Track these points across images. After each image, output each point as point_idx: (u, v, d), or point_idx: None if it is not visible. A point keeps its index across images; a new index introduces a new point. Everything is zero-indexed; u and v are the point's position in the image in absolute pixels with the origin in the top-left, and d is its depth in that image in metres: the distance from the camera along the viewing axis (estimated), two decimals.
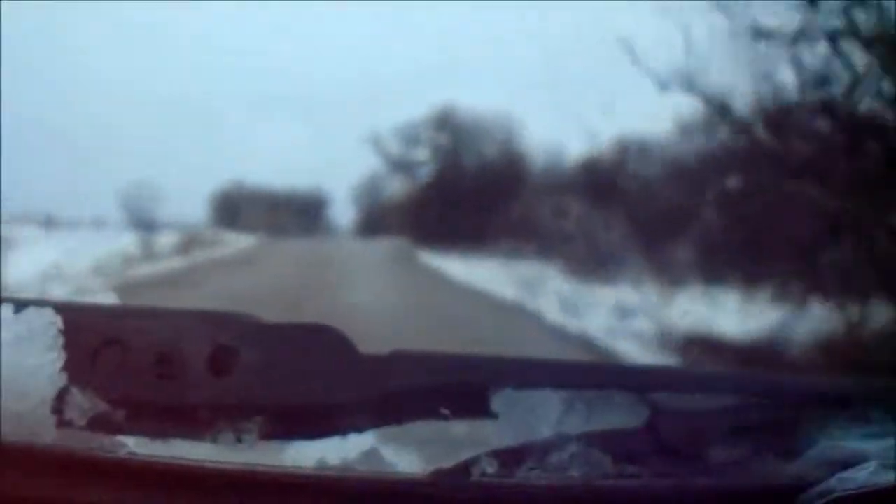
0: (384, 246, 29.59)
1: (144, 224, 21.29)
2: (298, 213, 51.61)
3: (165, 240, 20.56)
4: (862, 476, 0.55)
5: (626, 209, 15.18)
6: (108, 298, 0.70)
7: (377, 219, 49.25)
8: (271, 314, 0.65)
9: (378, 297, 11.12)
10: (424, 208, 28.87)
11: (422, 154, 31.90)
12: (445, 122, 30.93)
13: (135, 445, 0.61)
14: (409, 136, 31.96)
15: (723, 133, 9.42)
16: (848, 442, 0.63)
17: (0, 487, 0.55)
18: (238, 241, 30.68)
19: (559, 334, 8.98)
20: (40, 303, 0.62)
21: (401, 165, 32.79)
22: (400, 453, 0.66)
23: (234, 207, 49.73)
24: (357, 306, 9.13)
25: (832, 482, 0.56)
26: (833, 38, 6.35)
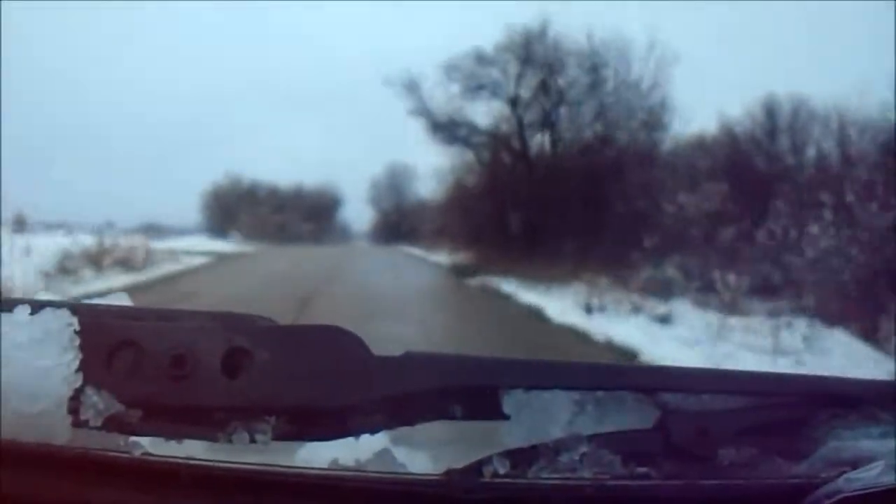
0: (428, 267, 19.80)
1: None
2: (307, 214, 46.93)
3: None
4: (870, 476, 0.56)
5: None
6: (123, 300, 0.70)
7: (403, 222, 43.44)
8: None
9: None
10: (498, 205, 15.99)
11: (492, 110, 16.88)
12: (533, 48, 15.99)
13: (150, 446, 0.62)
14: (467, 79, 16.72)
15: None
16: (856, 442, 0.64)
17: (16, 487, 0.56)
18: (190, 260, 18.37)
19: None
20: (56, 304, 0.62)
21: (451, 130, 17.62)
22: (412, 454, 0.66)
23: (228, 208, 45.48)
24: None
25: (840, 482, 0.56)
26: None
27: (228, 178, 47.80)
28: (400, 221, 45.18)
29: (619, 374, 0.70)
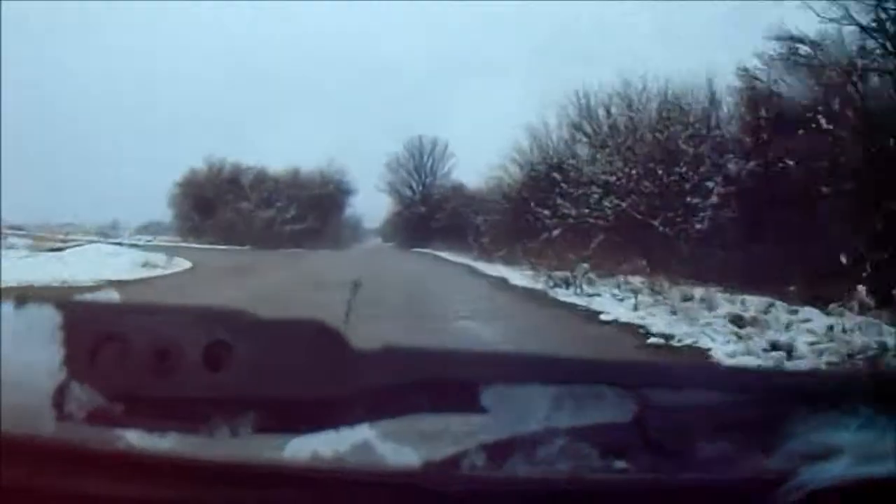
0: None
1: None
2: (305, 207, 35.90)
3: None
4: (837, 469, 0.57)
5: None
6: (108, 296, 0.71)
7: (434, 215, 31.69)
8: None
9: None
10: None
11: None
12: None
13: (132, 438, 0.63)
14: None
15: None
16: (831, 436, 0.64)
17: (1, 478, 0.57)
18: None
19: None
20: (41, 299, 0.63)
21: None
22: (391, 447, 0.67)
23: (205, 202, 35.54)
24: None
25: (808, 475, 0.57)
26: None
27: (208, 164, 37.38)
28: (429, 215, 34.27)
29: (597, 368, 0.70)
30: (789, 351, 7.17)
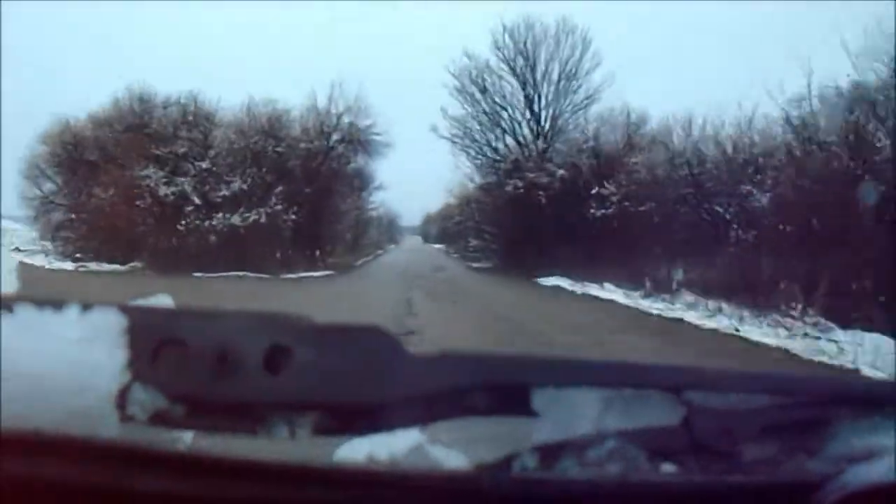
0: None
1: None
2: (275, 177, 18.41)
3: None
4: (879, 471, 0.58)
5: None
6: (166, 301, 0.73)
7: (581, 200, 14.21)
8: None
9: None
10: None
11: None
12: None
13: (193, 439, 0.64)
14: None
15: None
16: (874, 439, 0.65)
17: (66, 477, 0.58)
18: None
19: None
20: (105, 304, 0.65)
21: None
22: (445, 449, 0.69)
23: (86, 166, 18.28)
24: None
25: (848, 477, 0.58)
26: None
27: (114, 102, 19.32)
28: (568, 191, 16.22)
29: (646, 372, 0.71)
30: None
